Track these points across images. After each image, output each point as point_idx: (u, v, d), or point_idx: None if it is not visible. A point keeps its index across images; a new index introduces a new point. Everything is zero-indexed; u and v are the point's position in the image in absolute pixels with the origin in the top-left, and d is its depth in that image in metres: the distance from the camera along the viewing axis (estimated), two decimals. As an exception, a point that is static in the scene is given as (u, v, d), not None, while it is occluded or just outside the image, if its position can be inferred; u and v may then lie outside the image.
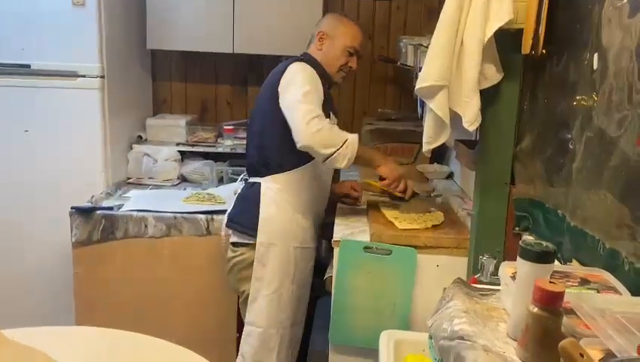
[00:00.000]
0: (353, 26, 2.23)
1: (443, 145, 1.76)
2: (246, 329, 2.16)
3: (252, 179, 2.19)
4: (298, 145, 1.93)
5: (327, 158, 1.93)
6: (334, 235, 1.98)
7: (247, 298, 2.14)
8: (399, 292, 1.89)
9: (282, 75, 2.06)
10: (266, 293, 2.10)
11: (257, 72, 3.18)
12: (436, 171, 2.79)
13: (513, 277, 1.01)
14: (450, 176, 2.77)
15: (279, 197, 2.11)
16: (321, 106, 1.99)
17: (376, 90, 3.28)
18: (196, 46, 2.95)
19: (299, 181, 2.12)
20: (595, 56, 1.26)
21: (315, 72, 2.08)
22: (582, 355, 0.71)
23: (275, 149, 2.11)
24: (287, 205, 2.11)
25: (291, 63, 2.10)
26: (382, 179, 2.16)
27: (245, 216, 2.13)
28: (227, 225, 2.21)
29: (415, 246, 1.89)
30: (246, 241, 2.12)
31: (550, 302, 0.84)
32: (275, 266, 2.09)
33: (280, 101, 2.02)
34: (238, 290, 2.21)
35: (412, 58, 2.34)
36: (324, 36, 2.19)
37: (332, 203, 2.34)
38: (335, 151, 1.92)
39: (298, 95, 1.97)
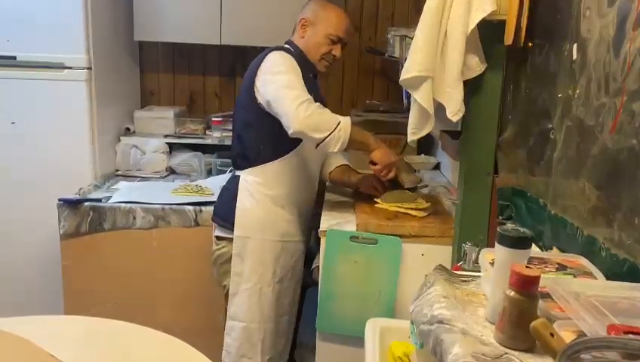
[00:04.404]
0: (337, 12, 2.15)
1: (430, 136, 1.78)
2: (229, 323, 2.15)
3: (236, 172, 2.18)
4: (290, 132, 1.89)
5: (320, 143, 1.88)
6: (321, 225, 2.00)
7: (228, 292, 2.13)
8: (385, 281, 1.91)
9: (259, 64, 2.03)
10: (245, 287, 2.09)
11: (245, 63, 3.11)
12: (423, 162, 2.82)
13: (492, 264, 1.04)
14: (437, 166, 2.80)
15: (256, 190, 2.08)
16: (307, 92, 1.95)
17: (364, 82, 3.28)
18: (184, 37, 2.95)
19: (278, 173, 2.09)
20: (575, 46, 1.28)
21: (294, 60, 2.02)
22: (552, 335, 0.73)
23: (251, 140, 2.08)
24: (264, 198, 2.08)
25: (269, 53, 2.05)
26: (374, 163, 2.06)
27: (225, 209, 2.13)
28: (212, 218, 2.21)
29: (400, 236, 1.91)
30: (227, 235, 2.12)
31: (526, 286, 0.86)
32: (253, 260, 2.08)
33: (263, 92, 1.98)
34: (220, 284, 2.20)
35: (398, 49, 2.35)
36: (306, 23, 2.13)
37: (322, 191, 2.33)
38: (328, 136, 1.87)
39: (281, 82, 1.93)
